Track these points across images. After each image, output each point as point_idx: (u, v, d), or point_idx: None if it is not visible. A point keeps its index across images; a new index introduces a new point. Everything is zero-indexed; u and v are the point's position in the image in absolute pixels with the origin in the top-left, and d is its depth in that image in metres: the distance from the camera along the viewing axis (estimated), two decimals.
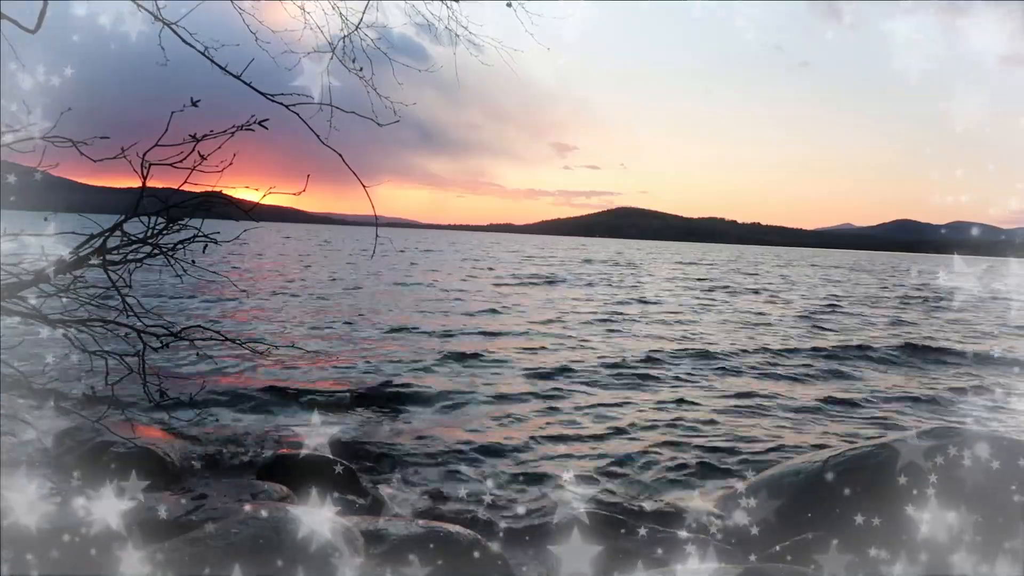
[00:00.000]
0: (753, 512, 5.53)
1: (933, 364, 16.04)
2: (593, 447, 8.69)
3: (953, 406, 11.74)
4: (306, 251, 60.77)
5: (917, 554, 3.91)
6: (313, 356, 13.30)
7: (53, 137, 2.95)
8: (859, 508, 4.46)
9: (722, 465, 8.14)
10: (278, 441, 8.10)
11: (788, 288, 40.18)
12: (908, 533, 3.93)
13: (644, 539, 5.61)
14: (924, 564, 3.90)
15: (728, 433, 9.49)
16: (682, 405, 10.98)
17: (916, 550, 3.91)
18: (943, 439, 5.27)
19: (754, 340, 18.25)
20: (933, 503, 3.85)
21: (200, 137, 2.99)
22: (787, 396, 11.96)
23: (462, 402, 10.59)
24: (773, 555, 4.84)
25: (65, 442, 6.42)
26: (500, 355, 14.49)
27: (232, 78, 3.20)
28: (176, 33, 3.28)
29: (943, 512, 3.85)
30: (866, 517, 4.27)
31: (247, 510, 4.61)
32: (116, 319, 3.30)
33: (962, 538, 3.83)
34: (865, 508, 4.42)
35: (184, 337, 3.44)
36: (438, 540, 4.81)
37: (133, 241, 3.14)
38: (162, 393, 3.50)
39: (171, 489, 5.78)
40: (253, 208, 3.24)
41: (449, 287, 30.64)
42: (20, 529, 3.34)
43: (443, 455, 8.07)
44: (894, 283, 49.37)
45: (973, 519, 3.88)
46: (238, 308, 20.18)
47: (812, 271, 68.00)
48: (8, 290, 3.00)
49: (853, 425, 10.32)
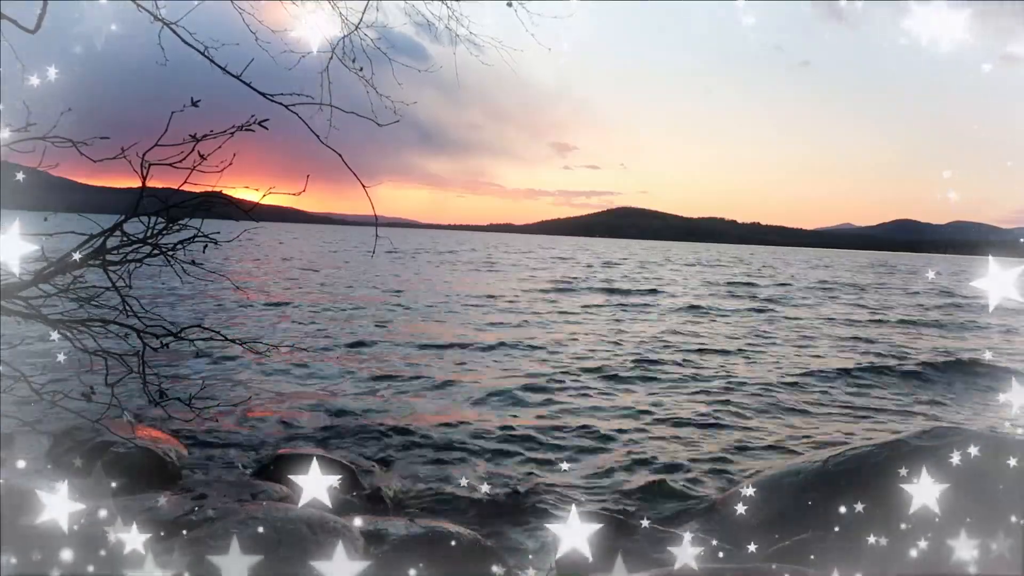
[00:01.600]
0: (753, 512, 5.53)
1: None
2: (594, 448, 8.68)
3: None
4: (322, 252, 59.49)
5: (918, 553, 3.91)
6: (314, 356, 13.31)
7: (53, 137, 2.95)
8: (859, 509, 4.46)
9: (722, 466, 8.14)
10: (278, 441, 8.10)
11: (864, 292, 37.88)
12: (908, 533, 3.93)
13: (644, 539, 5.61)
14: (923, 563, 3.90)
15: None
16: (690, 405, 10.98)
17: (917, 549, 3.91)
18: (944, 439, 5.27)
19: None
20: (933, 503, 3.85)
21: (200, 137, 2.99)
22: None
23: (462, 402, 10.59)
24: (773, 555, 4.84)
25: (65, 442, 6.41)
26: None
27: (232, 78, 3.20)
28: (176, 33, 3.28)
29: (943, 512, 3.85)
30: (866, 517, 4.26)
31: (247, 510, 4.61)
32: (116, 319, 3.30)
33: (963, 538, 3.83)
34: (865, 508, 4.42)
35: (184, 337, 3.44)
36: (438, 540, 4.81)
37: (133, 241, 3.14)
38: (162, 393, 3.50)
39: (171, 489, 5.78)
40: (253, 208, 3.24)
41: (520, 308, 23.85)
42: (20, 529, 3.34)
43: (444, 456, 8.06)
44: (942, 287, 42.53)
45: (974, 519, 3.88)
46: (285, 315, 19.80)
47: (854, 273, 63.67)
48: (8, 290, 3.00)
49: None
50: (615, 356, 15.07)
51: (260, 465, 6.94)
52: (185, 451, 7.28)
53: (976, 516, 3.91)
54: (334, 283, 29.79)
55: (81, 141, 2.96)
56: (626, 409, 10.58)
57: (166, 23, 3.27)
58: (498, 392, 11.22)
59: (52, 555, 3.57)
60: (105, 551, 3.50)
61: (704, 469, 7.97)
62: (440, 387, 11.46)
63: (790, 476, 6.18)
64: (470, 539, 4.98)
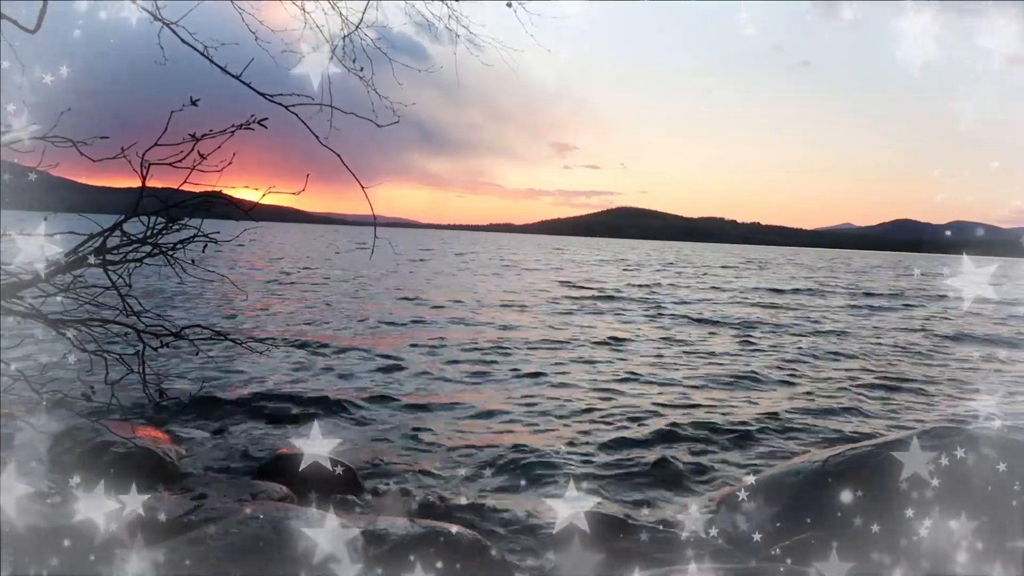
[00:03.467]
0: (753, 513, 5.53)
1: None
2: (594, 448, 8.68)
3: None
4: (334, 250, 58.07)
5: (918, 554, 3.91)
6: (315, 356, 13.31)
7: (53, 137, 2.95)
8: (859, 508, 4.46)
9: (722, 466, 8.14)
10: (278, 441, 8.09)
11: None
12: (908, 533, 3.93)
13: (644, 540, 5.61)
14: (925, 565, 3.90)
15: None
16: (688, 406, 10.97)
17: (917, 550, 3.91)
18: (944, 439, 5.27)
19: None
20: (934, 503, 3.85)
21: (200, 137, 2.99)
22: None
23: (464, 403, 10.58)
24: (773, 556, 4.83)
25: (65, 442, 6.41)
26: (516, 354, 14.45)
27: (231, 78, 3.20)
28: (175, 33, 3.28)
29: (944, 511, 3.85)
30: (866, 517, 4.27)
31: (247, 510, 4.61)
32: (116, 319, 3.30)
33: (963, 538, 3.83)
34: (865, 508, 4.42)
35: (184, 336, 3.45)
36: (438, 540, 4.81)
37: (133, 241, 3.14)
38: (162, 393, 3.50)
39: (171, 489, 5.78)
40: (253, 208, 3.24)
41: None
42: (20, 529, 3.34)
43: (444, 456, 8.06)
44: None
45: (974, 519, 3.88)
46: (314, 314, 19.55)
47: (891, 274, 60.88)
48: (8, 290, 3.00)
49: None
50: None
51: (260, 465, 6.94)
52: (185, 451, 7.29)
53: (977, 516, 3.90)
54: (358, 285, 29.76)
55: (81, 141, 2.96)
56: (626, 409, 10.58)
57: (166, 23, 3.27)
58: (499, 393, 11.22)
59: (52, 555, 3.57)
60: (105, 551, 3.50)
61: (704, 469, 7.96)
62: (441, 387, 11.46)
63: (790, 476, 6.18)
64: (470, 539, 4.98)
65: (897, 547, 3.99)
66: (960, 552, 3.81)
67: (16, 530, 3.30)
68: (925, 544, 3.89)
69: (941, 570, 3.87)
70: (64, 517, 3.69)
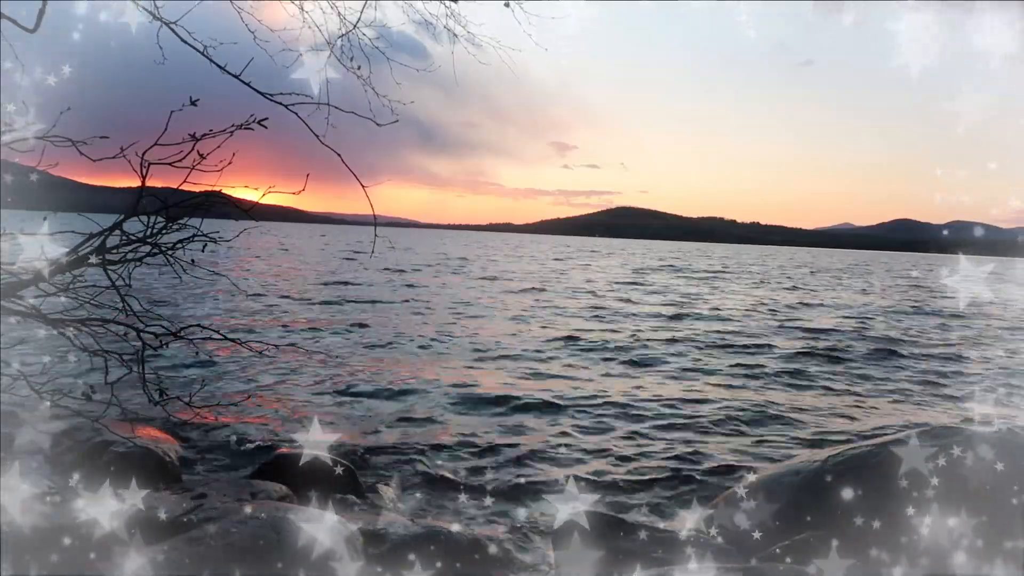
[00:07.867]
0: (752, 512, 5.52)
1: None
2: (595, 449, 8.68)
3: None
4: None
5: (918, 553, 3.91)
6: (315, 356, 13.31)
7: (52, 137, 2.95)
8: (859, 508, 4.46)
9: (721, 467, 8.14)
10: (278, 441, 8.09)
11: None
12: (908, 532, 3.93)
13: (644, 540, 5.60)
14: (925, 564, 3.90)
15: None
16: (693, 402, 10.97)
17: (916, 549, 3.91)
18: (944, 439, 5.26)
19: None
20: (934, 502, 3.85)
21: (199, 136, 3.00)
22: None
23: (464, 403, 10.58)
24: (773, 555, 4.83)
25: (64, 442, 6.41)
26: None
27: (231, 77, 3.20)
28: (175, 32, 3.28)
29: (944, 511, 3.85)
30: (866, 517, 4.27)
31: (247, 510, 4.61)
32: (116, 319, 3.30)
33: (963, 538, 3.83)
34: (865, 508, 4.42)
35: (183, 336, 3.45)
36: (438, 540, 4.81)
37: (133, 240, 3.15)
38: (162, 393, 3.51)
39: (171, 489, 5.78)
40: (253, 207, 3.24)
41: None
42: (20, 529, 3.34)
43: (444, 456, 8.06)
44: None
45: (974, 519, 3.88)
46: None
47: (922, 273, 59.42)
48: (8, 290, 3.00)
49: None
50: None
51: (260, 465, 6.93)
52: (185, 451, 7.28)
53: (977, 515, 3.91)
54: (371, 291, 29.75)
55: (81, 141, 2.96)
56: (627, 409, 10.58)
57: (165, 22, 3.27)
58: (502, 394, 11.22)
59: (51, 555, 3.57)
60: (104, 551, 3.50)
61: (704, 469, 7.97)
62: (443, 388, 11.45)
63: (790, 476, 6.18)
64: (470, 539, 4.98)
65: (897, 545, 3.99)
66: (959, 551, 3.82)
67: (17, 529, 3.31)
68: (924, 542, 3.90)
69: (940, 569, 3.87)
70: (64, 516, 3.70)
